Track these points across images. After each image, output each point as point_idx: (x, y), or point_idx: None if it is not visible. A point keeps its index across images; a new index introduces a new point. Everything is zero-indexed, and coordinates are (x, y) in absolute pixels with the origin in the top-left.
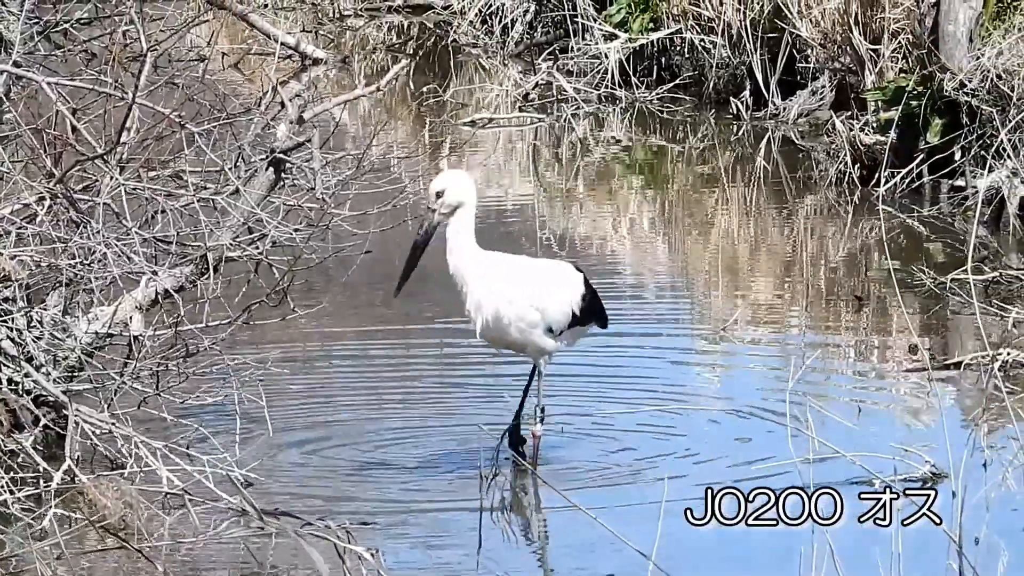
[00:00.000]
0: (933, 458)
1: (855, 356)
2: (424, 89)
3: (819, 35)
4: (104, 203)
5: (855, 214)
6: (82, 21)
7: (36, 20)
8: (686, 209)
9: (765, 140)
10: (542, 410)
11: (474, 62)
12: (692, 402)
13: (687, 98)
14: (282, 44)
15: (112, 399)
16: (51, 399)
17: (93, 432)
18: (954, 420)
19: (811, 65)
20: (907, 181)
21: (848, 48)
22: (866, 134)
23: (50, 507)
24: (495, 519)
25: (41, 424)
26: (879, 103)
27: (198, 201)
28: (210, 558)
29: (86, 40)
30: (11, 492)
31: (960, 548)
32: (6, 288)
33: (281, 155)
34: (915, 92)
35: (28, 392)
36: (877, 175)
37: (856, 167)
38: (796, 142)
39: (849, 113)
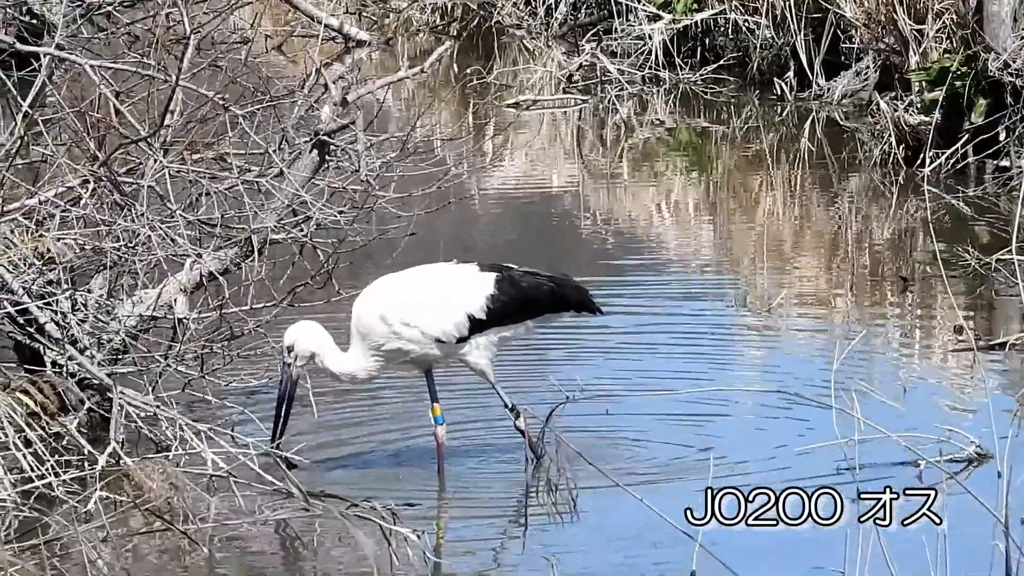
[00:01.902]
0: (978, 438)
1: (900, 337)
2: (468, 71)
3: (863, 15)
4: (148, 186)
5: (900, 195)
6: (125, 4)
7: (79, 3)
8: (730, 190)
9: (809, 121)
10: (512, 408)
11: (518, 43)
12: (737, 383)
13: (731, 79)
14: (326, 26)
15: (157, 382)
16: (96, 382)
17: (138, 415)
18: (999, 400)
19: (855, 45)
20: (951, 162)
21: (892, 28)
22: (910, 115)
23: (95, 490)
24: (540, 500)
25: (86, 407)
26: (923, 83)
27: (242, 183)
28: (255, 539)
29: (129, 23)
30: (56, 475)
31: (1006, 528)
32: (50, 271)
33: (325, 137)
34: (959, 72)
35: (73, 375)
36: (921, 156)
37: (900, 148)
38: (840, 123)
39: (893, 94)
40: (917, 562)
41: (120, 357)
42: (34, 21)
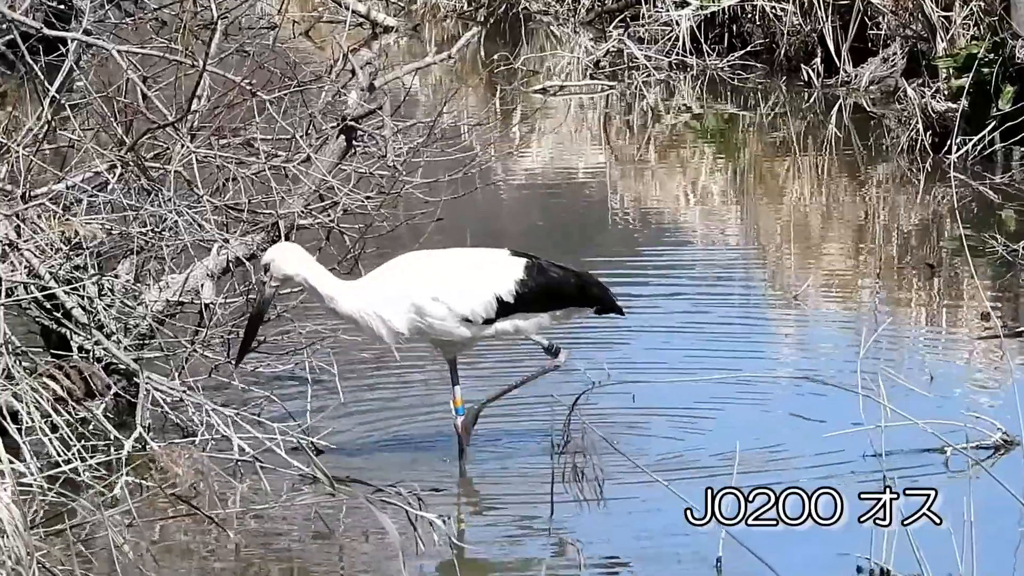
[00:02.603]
0: (1004, 425)
1: (927, 324)
2: (495, 56)
3: (890, 2)
4: (175, 171)
5: (927, 181)
6: None
7: None
8: (757, 177)
9: (836, 107)
10: (549, 348)
11: (545, 29)
12: (763, 369)
13: (758, 65)
14: (353, 11)
15: (183, 367)
16: (122, 367)
17: (164, 400)
18: None
19: (882, 32)
20: (979, 148)
21: (919, 15)
22: (937, 101)
23: (121, 475)
24: (566, 487)
25: (112, 392)
26: (950, 70)
27: (269, 169)
28: (281, 524)
29: (156, 8)
30: (82, 460)
31: None
32: (77, 256)
33: (352, 123)
34: (986, 59)
35: (99, 360)
36: (949, 142)
37: (927, 134)
38: (867, 109)
39: (920, 80)
40: (943, 549)
41: (147, 342)
42: (62, 6)
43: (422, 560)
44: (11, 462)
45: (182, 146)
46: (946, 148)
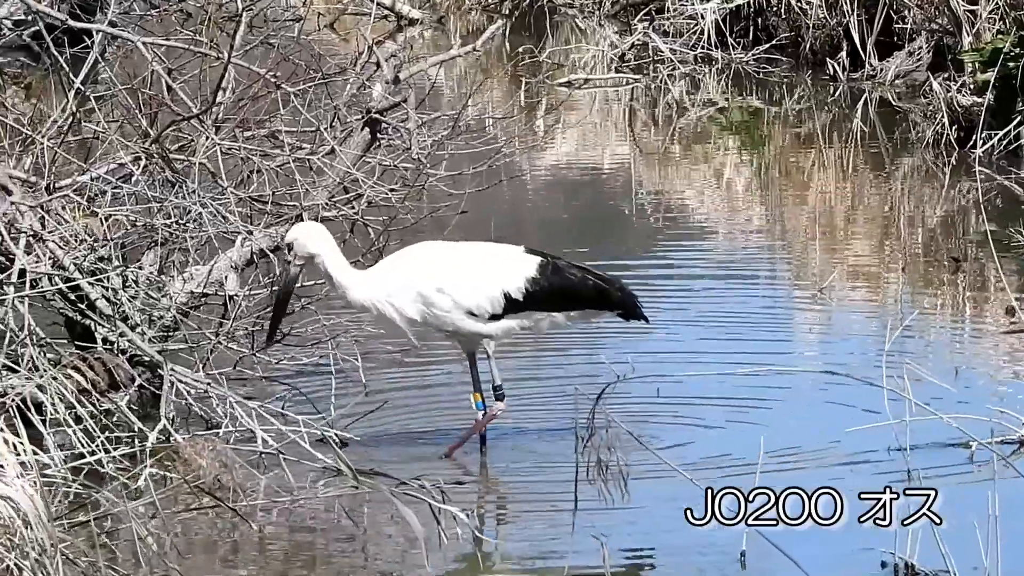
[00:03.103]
0: None
1: (952, 317)
2: (520, 49)
3: None
4: (199, 163)
5: (952, 176)
6: None
7: None
8: (782, 171)
9: (862, 101)
10: (497, 389)
11: (570, 22)
12: (788, 363)
13: (783, 59)
14: (378, 4)
15: (207, 359)
16: (146, 359)
17: (188, 392)
18: None
19: (908, 26)
20: (1004, 143)
21: (945, 9)
22: (963, 95)
23: (145, 466)
24: (590, 480)
25: (136, 384)
26: (976, 64)
27: (293, 161)
28: (304, 517)
29: (181, 0)
30: (106, 451)
31: None
32: (101, 247)
33: (377, 115)
34: (1012, 53)
35: (123, 352)
36: (974, 137)
37: (953, 129)
38: (893, 103)
39: (946, 74)
40: (968, 544)
41: (171, 334)
42: None
43: (445, 553)
44: (35, 453)
45: (207, 138)
46: (971, 142)
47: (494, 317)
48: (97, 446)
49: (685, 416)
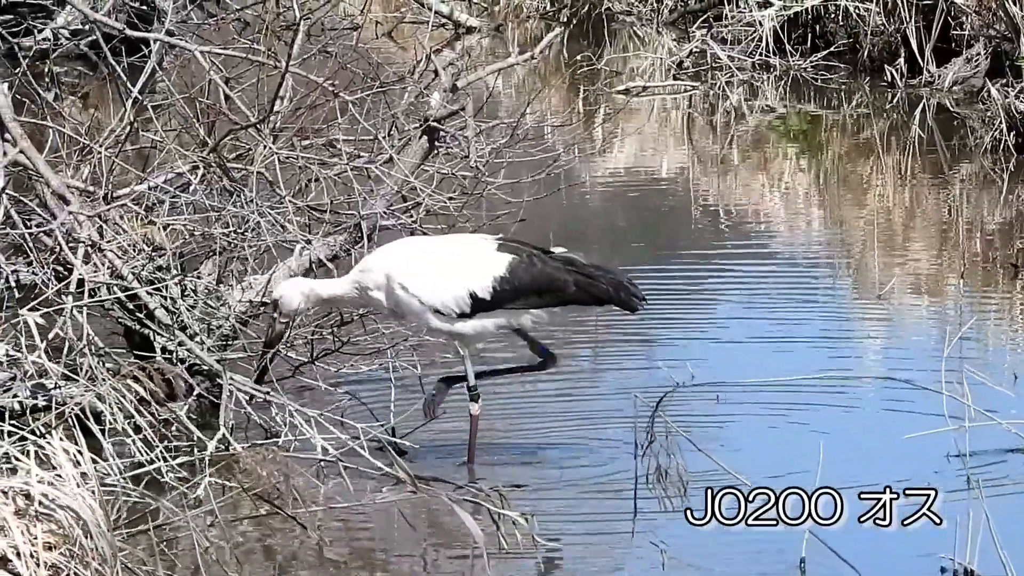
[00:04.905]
0: None
1: (1011, 323)
2: (578, 57)
3: (974, 2)
4: (257, 172)
5: (1010, 181)
6: None
7: None
8: (841, 177)
9: (920, 108)
10: (471, 389)
11: (628, 30)
12: (847, 370)
13: (841, 66)
14: (436, 12)
15: (267, 368)
16: (205, 368)
17: (247, 401)
18: None
19: (966, 32)
20: None
21: (1003, 15)
22: (1021, 101)
23: (204, 475)
24: (651, 486)
25: (195, 393)
26: None
27: (352, 169)
28: (364, 524)
29: (239, 9)
30: (165, 461)
31: None
32: (160, 257)
33: (435, 123)
34: None
35: (182, 361)
36: None
37: (1011, 134)
38: (951, 109)
39: (1004, 80)
40: None
41: (230, 343)
42: (144, 7)
43: (505, 558)
44: (95, 463)
45: (264, 147)
46: None
47: (463, 316)
48: (156, 455)
49: (744, 422)
